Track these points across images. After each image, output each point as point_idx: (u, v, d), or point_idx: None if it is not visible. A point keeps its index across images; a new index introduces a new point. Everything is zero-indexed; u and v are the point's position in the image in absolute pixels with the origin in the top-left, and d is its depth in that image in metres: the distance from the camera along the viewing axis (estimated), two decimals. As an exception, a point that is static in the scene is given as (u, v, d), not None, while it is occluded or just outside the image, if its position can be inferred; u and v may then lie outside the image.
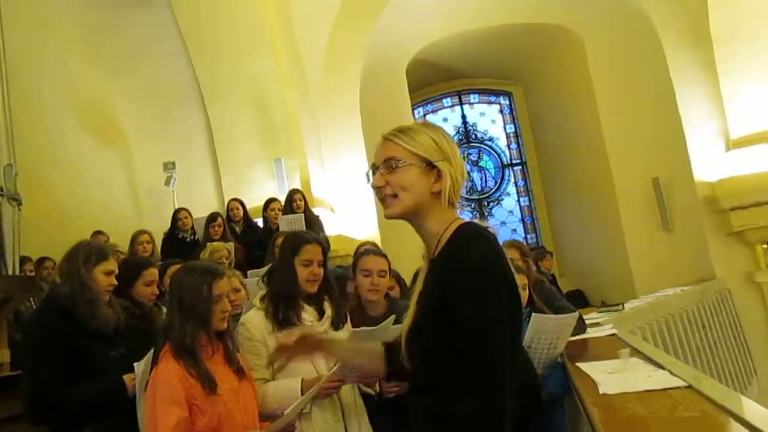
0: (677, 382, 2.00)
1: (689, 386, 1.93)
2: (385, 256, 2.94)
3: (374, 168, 1.52)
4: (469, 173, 12.95)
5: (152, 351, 2.53)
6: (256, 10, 8.07)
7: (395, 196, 1.48)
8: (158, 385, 2.08)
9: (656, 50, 9.20)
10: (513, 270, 1.44)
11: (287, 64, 8.43)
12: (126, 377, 2.62)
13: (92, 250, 2.75)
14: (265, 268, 3.77)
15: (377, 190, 1.51)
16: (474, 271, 1.35)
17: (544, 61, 11.51)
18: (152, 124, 8.55)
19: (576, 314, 3.31)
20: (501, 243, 1.47)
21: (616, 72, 9.98)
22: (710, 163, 9.04)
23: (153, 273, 3.14)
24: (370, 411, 2.62)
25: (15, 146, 4.29)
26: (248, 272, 4.84)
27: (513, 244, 4.07)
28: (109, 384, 2.61)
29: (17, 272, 4.19)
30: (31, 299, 4.73)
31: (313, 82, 9.01)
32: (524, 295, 3.26)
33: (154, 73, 8.45)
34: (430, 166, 1.47)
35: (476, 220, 1.56)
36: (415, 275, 3.89)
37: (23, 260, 4.74)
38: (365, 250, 3.07)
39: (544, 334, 2.96)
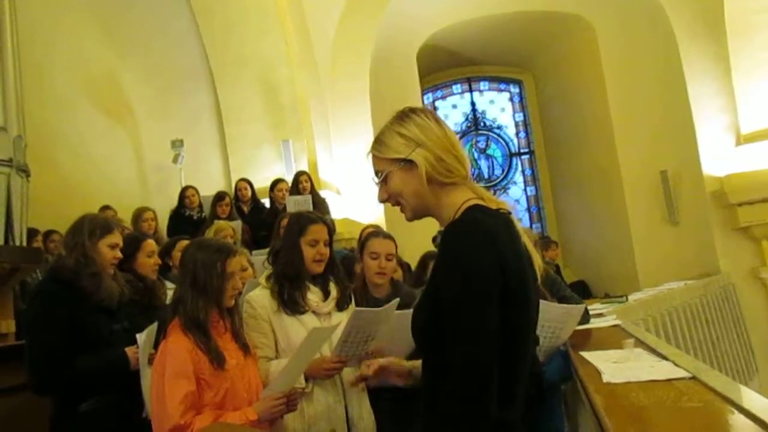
0: (681, 373, 2.00)
1: (693, 377, 1.93)
2: (393, 240, 2.93)
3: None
4: (476, 160, 12.97)
5: (155, 324, 2.55)
6: (268, -10, 8.03)
7: (399, 203, 1.51)
8: (167, 357, 2.09)
9: (669, 42, 9.13)
10: (529, 253, 1.42)
11: (297, 47, 8.39)
12: (128, 350, 2.63)
13: (97, 223, 2.75)
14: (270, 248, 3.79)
15: (384, 203, 1.56)
16: (453, 273, 1.31)
17: (556, 49, 11.44)
18: (161, 103, 8.54)
19: (583, 306, 3.31)
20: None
21: (628, 62, 9.91)
22: (719, 157, 9.00)
23: (152, 244, 3.16)
24: (370, 393, 2.63)
25: (25, 119, 4.28)
26: (253, 252, 4.87)
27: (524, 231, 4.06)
28: (112, 356, 2.62)
29: (24, 243, 4.20)
30: (38, 271, 4.75)
31: (323, 65, 8.99)
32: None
33: (164, 52, 8.43)
34: (407, 162, 1.45)
35: (488, 197, 1.50)
36: (421, 259, 3.91)
37: (31, 232, 4.74)
38: (374, 232, 3.05)
39: (548, 321, 2.96)
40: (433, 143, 1.44)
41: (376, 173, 1.51)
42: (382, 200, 1.53)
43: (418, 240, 5.17)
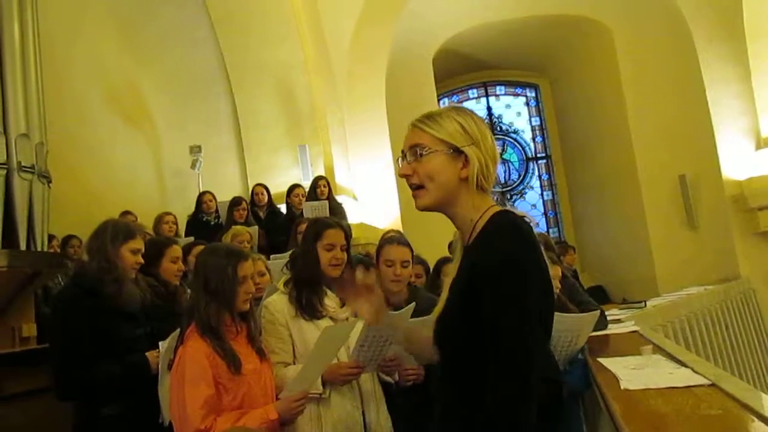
0: (700, 380, 1.98)
1: (712, 384, 1.91)
2: (408, 245, 2.91)
3: (403, 155, 1.50)
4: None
5: (178, 330, 2.57)
6: (285, -2, 8.09)
7: (422, 186, 1.46)
8: (186, 362, 2.11)
9: (687, 44, 9.06)
10: (548, 262, 1.41)
11: (314, 53, 8.44)
12: (149, 354, 2.65)
13: (119, 228, 2.77)
14: (287, 253, 3.80)
15: (405, 178, 1.49)
16: (508, 265, 1.31)
17: (572, 53, 11.40)
18: (180, 109, 8.62)
19: (596, 313, 3.27)
20: None
21: (645, 65, 9.85)
22: (739, 160, 8.92)
23: (177, 250, 3.17)
24: (389, 399, 2.63)
25: (46, 126, 4.35)
26: (270, 257, 4.89)
27: (539, 235, 4.04)
28: (134, 361, 2.64)
29: (45, 249, 4.26)
30: (59, 276, 4.81)
31: (339, 70, 9.02)
32: (557, 285, 3.25)
33: (183, 59, 8.52)
34: (456, 151, 1.43)
35: (511, 209, 1.50)
36: (436, 266, 3.87)
37: (49, 238, 4.82)
38: (390, 238, 3.00)
39: (564, 332, 2.94)
40: (486, 148, 1.45)
41: (413, 146, 1.46)
42: (404, 174, 1.48)
43: (435, 243, 5.16)
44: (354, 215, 7.79)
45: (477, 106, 13.21)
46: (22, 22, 4.25)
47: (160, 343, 2.60)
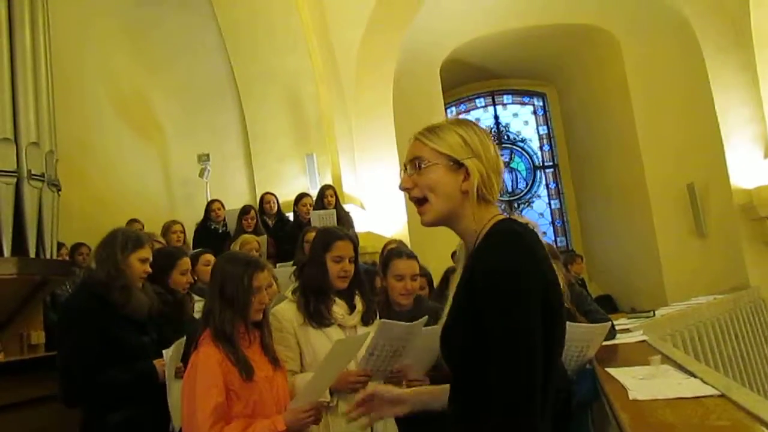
0: (709, 391, 1.97)
1: (722, 395, 1.90)
2: (415, 257, 2.91)
3: (404, 168, 1.49)
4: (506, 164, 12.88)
5: (183, 339, 2.58)
6: (293, 8, 8.12)
7: (425, 200, 1.44)
8: (198, 369, 2.13)
9: (694, 52, 9.04)
10: (556, 268, 1.37)
11: (321, 62, 8.47)
12: (156, 362, 2.67)
13: (129, 237, 2.80)
14: (294, 262, 3.81)
15: (406, 192, 1.48)
16: (500, 274, 1.28)
17: (579, 62, 11.40)
18: (188, 118, 8.67)
19: (608, 324, 3.25)
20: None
21: (652, 73, 9.84)
22: (748, 169, 8.88)
23: (187, 262, 3.21)
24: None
25: (56, 135, 4.39)
26: (277, 265, 4.90)
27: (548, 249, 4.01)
28: (141, 368, 2.66)
29: (54, 256, 4.29)
30: (67, 283, 4.84)
31: (347, 80, 9.05)
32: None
33: (192, 68, 8.57)
34: (457, 164, 1.41)
35: (514, 216, 1.47)
36: (444, 274, 3.86)
37: (58, 246, 4.84)
38: (397, 251, 2.99)
39: (574, 342, 2.92)
40: (488, 160, 1.43)
41: (414, 159, 1.45)
42: (405, 187, 1.46)
43: (441, 251, 5.15)
44: (361, 224, 7.79)
45: (484, 115, 13.22)
46: (34, 33, 4.30)
47: (164, 351, 2.61)
